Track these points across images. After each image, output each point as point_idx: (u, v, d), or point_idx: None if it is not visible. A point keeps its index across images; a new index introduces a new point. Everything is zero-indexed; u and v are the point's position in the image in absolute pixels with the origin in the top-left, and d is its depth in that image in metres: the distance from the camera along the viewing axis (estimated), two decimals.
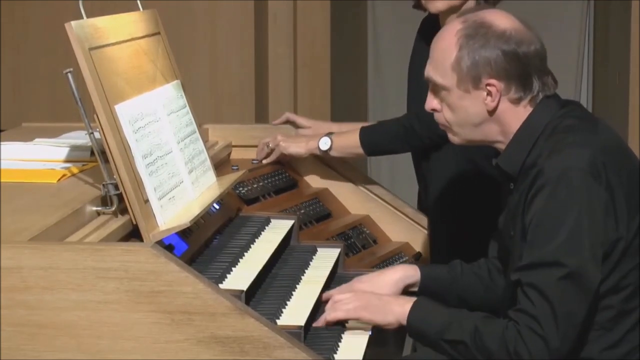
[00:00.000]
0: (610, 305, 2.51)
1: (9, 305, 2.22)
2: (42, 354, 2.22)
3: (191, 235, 2.76)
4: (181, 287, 2.20)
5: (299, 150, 3.55)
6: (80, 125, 2.68)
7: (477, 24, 2.56)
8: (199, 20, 5.53)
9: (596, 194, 2.44)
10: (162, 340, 2.21)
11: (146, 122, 2.66)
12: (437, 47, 2.62)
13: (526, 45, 2.54)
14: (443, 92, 2.60)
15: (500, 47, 2.53)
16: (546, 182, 2.45)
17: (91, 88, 2.50)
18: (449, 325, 2.53)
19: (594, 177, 2.44)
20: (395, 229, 3.67)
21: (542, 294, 2.42)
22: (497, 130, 2.61)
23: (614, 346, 2.53)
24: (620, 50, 5.92)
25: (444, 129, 2.67)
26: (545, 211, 2.45)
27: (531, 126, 2.57)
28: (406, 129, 3.39)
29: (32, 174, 2.84)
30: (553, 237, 2.43)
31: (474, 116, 2.59)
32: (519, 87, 2.56)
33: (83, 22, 2.56)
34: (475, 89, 2.56)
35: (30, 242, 2.26)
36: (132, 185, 2.52)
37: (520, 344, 2.42)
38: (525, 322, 2.43)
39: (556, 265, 2.42)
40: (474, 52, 2.53)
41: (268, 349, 2.21)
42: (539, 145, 2.55)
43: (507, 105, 2.57)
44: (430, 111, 2.66)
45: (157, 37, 2.99)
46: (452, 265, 2.90)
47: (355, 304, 2.68)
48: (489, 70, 2.53)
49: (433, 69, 2.61)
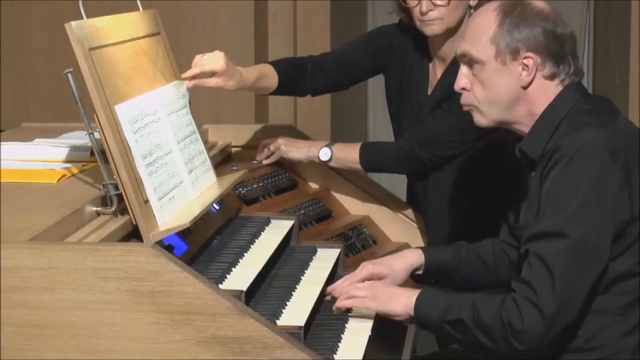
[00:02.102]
0: (626, 290, 2.52)
1: (9, 305, 2.22)
2: (42, 354, 2.22)
3: (191, 235, 2.76)
4: (181, 287, 2.20)
5: (299, 156, 3.57)
6: (80, 125, 2.68)
7: (514, 3, 2.61)
8: (199, 20, 5.53)
9: (611, 171, 2.46)
10: (162, 341, 2.21)
11: (146, 122, 2.66)
12: (474, 23, 2.65)
13: (562, 27, 2.60)
14: (477, 66, 2.62)
15: (540, 24, 2.58)
16: (561, 157, 2.48)
17: (91, 88, 2.50)
18: (450, 307, 2.55)
19: (611, 154, 2.46)
20: (395, 229, 3.67)
21: (544, 264, 2.43)
22: (525, 111, 2.62)
23: (630, 333, 2.54)
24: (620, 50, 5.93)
25: (469, 109, 2.68)
26: (558, 183, 2.47)
27: (555, 111, 2.60)
28: (407, 154, 3.41)
29: (32, 174, 2.84)
30: (562, 208, 2.45)
31: (506, 92, 2.61)
32: (554, 64, 2.60)
33: (83, 22, 2.57)
34: (512, 61, 2.58)
35: (30, 242, 2.26)
36: (132, 186, 2.52)
37: (515, 313, 2.43)
38: (522, 291, 2.45)
39: (561, 235, 2.43)
40: (514, 27, 2.58)
41: (268, 349, 2.21)
42: (561, 129, 2.58)
43: (540, 82, 2.60)
44: (460, 91, 2.67)
45: (157, 37, 2.99)
46: (457, 248, 2.93)
47: (364, 294, 2.70)
48: (528, 44, 2.57)
49: (469, 43, 2.63)
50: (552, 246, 2.44)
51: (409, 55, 3.51)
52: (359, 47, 3.60)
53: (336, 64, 3.57)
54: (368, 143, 3.59)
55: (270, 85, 3.43)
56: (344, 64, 3.58)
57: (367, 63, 3.59)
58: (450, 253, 2.93)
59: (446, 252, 2.94)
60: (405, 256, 2.92)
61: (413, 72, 3.50)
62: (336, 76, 3.58)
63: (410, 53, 3.50)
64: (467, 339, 2.52)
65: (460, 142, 3.36)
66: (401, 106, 3.54)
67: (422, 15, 3.31)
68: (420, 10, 3.31)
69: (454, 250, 2.93)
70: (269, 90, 3.45)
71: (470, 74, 2.64)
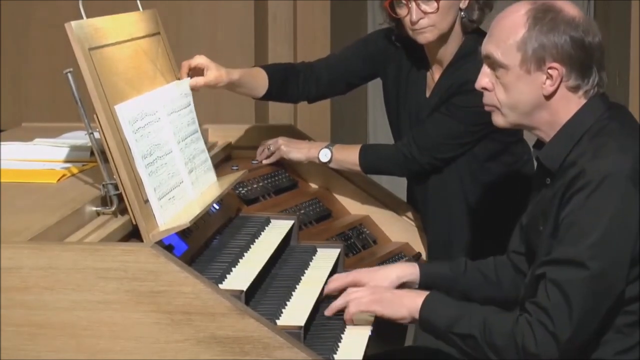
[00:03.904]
0: (632, 311, 2.51)
1: (9, 305, 2.22)
2: (42, 354, 2.22)
3: (191, 235, 2.76)
4: (181, 287, 2.20)
5: (299, 157, 3.57)
6: (80, 125, 2.68)
7: (547, 7, 2.55)
8: (199, 20, 5.53)
9: (634, 201, 2.44)
10: (161, 341, 2.21)
11: (146, 122, 2.66)
12: (503, 24, 2.58)
13: (592, 36, 2.55)
14: (501, 70, 2.57)
15: (569, 32, 2.52)
16: (587, 184, 2.44)
17: (91, 88, 2.50)
18: (459, 319, 2.54)
19: (634, 184, 2.44)
20: (395, 229, 3.67)
21: (562, 292, 2.42)
22: (546, 119, 2.59)
23: (628, 350, 2.53)
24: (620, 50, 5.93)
25: (490, 109, 2.64)
26: (581, 211, 2.44)
27: (578, 123, 2.57)
28: (406, 158, 3.40)
29: (32, 174, 2.84)
30: (584, 237, 2.43)
31: (528, 99, 2.57)
32: (579, 76, 2.55)
33: (83, 22, 2.56)
34: (537, 70, 2.54)
35: (30, 242, 2.26)
36: (132, 185, 2.52)
37: (529, 337, 2.43)
38: (538, 316, 2.43)
39: (581, 266, 2.42)
40: (543, 34, 2.52)
41: (268, 349, 2.21)
42: (582, 144, 2.54)
43: (564, 93, 2.56)
44: (480, 90, 2.64)
45: (157, 37, 2.99)
46: (456, 262, 2.90)
47: (369, 298, 2.68)
48: (555, 53, 2.52)
49: (495, 46, 2.57)
50: (571, 275, 2.42)
51: (406, 58, 3.50)
52: (354, 53, 3.59)
53: (330, 70, 3.56)
54: (368, 145, 3.59)
55: (259, 86, 3.42)
56: (339, 70, 3.57)
57: (363, 68, 3.58)
58: (448, 267, 2.89)
59: (443, 266, 2.91)
60: (396, 267, 2.90)
61: (410, 75, 3.50)
62: (331, 82, 3.57)
63: (407, 56, 3.50)
64: (475, 353, 2.52)
65: (458, 145, 3.36)
66: (399, 110, 3.53)
67: (413, 24, 3.29)
68: (410, 19, 3.29)
69: (452, 264, 2.90)
70: (258, 91, 3.44)
71: (492, 75, 2.59)
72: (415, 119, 3.47)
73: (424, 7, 3.28)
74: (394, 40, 3.50)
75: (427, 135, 3.37)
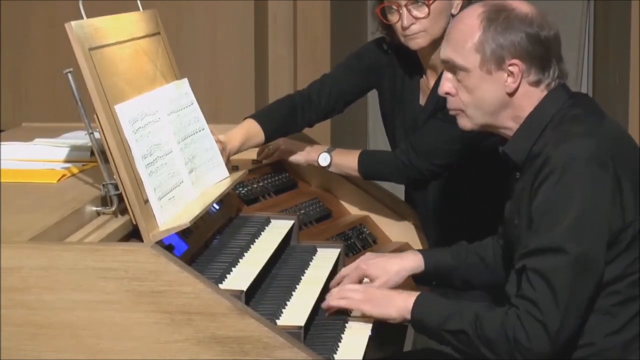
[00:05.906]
0: (616, 290, 2.53)
1: (9, 305, 2.22)
2: (42, 354, 2.22)
3: (191, 235, 2.76)
4: (181, 287, 2.20)
5: (298, 159, 3.58)
6: (80, 125, 2.68)
7: (499, 7, 2.59)
8: (199, 20, 5.53)
9: (602, 182, 2.46)
10: (162, 340, 2.21)
11: (146, 122, 2.66)
12: (458, 28, 2.62)
13: (547, 30, 2.59)
14: (462, 73, 2.60)
15: (524, 29, 2.56)
16: (552, 171, 2.47)
17: (91, 88, 2.50)
18: (450, 316, 2.55)
19: (600, 165, 2.46)
20: (395, 229, 3.68)
21: (545, 280, 2.43)
22: (510, 115, 2.62)
23: (617, 332, 2.54)
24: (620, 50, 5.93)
25: (455, 113, 2.67)
26: (551, 198, 2.47)
27: (540, 114, 2.60)
28: (405, 165, 3.40)
29: (32, 174, 2.84)
30: (557, 223, 2.45)
31: (492, 99, 2.60)
32: (539, 70, 2.59)
33: (83, 22, 2.57)
34: (497, 70, 2.57)
35: (30, 242, 2.26)
36: (132, 186, 2.52)
37: (520, 329, 2.44)
38: (525, 307, 2.45)
39: (560, 251, 2.44)
40: (499, 34, 2.56)
41: (268, 349, 2.21)
42: (546, 134, 2.57)
43: (526, 89, 2.59)
44: (444, 95, 2.66)
45: (157, 37, 2.99)
46: (457, 249, 2.93)
47: (359, 296, 2.70)
48: (513, 51, 2.56)
49: (453, 50, 2.61)
50: (551, 262, 2.44)
51: (400, 67, 3.49)
52: (349, 70, 3.56)
53: (326, 93, 3.52)
54: (367, 151, 3.58)
55: (260, 142, 3.43)
56: (336, 92, 3.53)
57: (358, 84, 3.56)
58: (449, 254, 2.93)
59: (446, 254, 2.94)
60: (403, 260, 2.91)
61: (405, 83, 3.49)
62: (329, 105, 3.54)
63: (400, 65, 3.49)
64: (468, 349, 2.53)
65: (456, 150, 3.35)
66: (396, 119, 3.53)
67: (404, 30, 3.29)
68: (402, 25, 3.29)
69: (453, 251, 2.93)
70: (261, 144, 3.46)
71: (454, 79, 2.62)
72: (411, 127, 3.47)
73: (415, 12, 3.27)
74: (387, 49, 3.49)
75: (425, 141, 3.36)
